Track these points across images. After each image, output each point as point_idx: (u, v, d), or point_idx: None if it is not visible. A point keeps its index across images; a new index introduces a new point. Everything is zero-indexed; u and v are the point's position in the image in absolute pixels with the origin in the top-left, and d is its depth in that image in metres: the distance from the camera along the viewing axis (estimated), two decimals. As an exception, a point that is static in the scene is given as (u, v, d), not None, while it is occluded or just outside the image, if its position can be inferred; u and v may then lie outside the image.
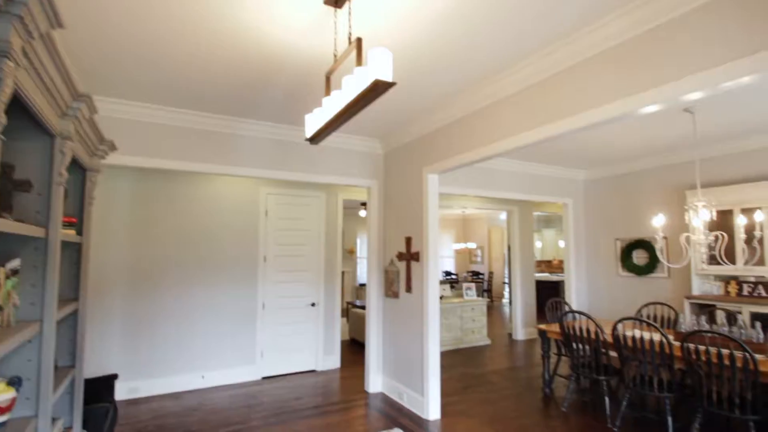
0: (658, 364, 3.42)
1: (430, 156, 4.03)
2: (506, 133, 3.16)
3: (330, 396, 4.48)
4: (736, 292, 4.98)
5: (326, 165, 4.49)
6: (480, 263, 13.79)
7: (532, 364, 5.71)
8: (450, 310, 6.63)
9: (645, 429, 3.63)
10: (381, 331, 4.68)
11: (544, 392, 4.53)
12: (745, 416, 2.92)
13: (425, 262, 3.99)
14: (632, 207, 6.21)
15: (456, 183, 5.49)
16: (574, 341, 4.04)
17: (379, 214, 4.78)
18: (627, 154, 5.65)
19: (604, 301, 6.48)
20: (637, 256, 6.15)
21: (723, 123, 4.27)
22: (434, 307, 3.94)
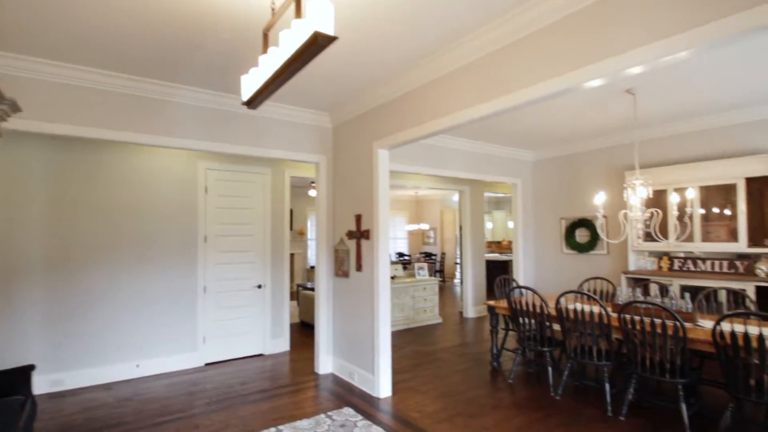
0: (598, 335, 3.56)
1: (381, 130, 3.89)
2: (458, 107, 3.08)
3: (278, 379, 4.33)
4: (667, 266, 5.31)
5: (271, 138, 4.23)
6: (433, 244, 13.97)
7: (481, 340, 5.84)
8: (402, 290, 6.63)
9: (585, 396, 3.79)
10: (331, 312, 4.57)
11: (492, 366, 4.64)
12: (675, 380, 3.10)
13: (376, 240, 3.89)
14: (576, 187, 6.44)
15: (408, 161, 5.41)
16: (520, 316, 4.13)
17: (328, 191, 4.61)
18: (572, 135, 5.81)
19: (549, 278, 6.73)
20: (580, 234, 6.41)
21: (661, 106, 4.45)
22: (385, 286, 3.87)
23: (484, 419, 3.34)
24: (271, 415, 3.46)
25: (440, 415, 3.43)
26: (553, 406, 3.58)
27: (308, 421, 3.27)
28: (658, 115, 4.83)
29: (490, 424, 3.25)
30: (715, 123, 4.93)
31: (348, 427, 3.16)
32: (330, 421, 3.27)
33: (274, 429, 3.15)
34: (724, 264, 4.85)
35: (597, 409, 3.51)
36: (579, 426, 3.22)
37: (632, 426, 3.21)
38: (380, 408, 3.57)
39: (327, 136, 4.63)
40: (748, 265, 4.67)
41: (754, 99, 4.31)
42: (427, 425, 3.24)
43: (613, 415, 3.39)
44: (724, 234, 4.82)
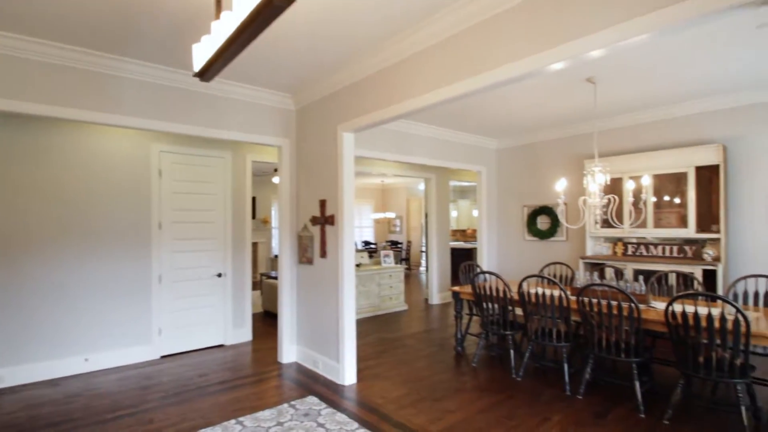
0: (558, 317, 3.65)
1: (346, 113, 3.79)
2: (424, 89, 3.03)
3: (239, 370, 4.19)
4: (622, 252, 5.53)
5: (231, 120, 4.04)
6: (399, 233, 14.01)
7: (445, 326, 5.90)
8: (368, 278, 6.59)
9: (545, 377, 3.90)
10: (295, 300, 4.46)
11: (456, 351, 4.69)
12: (629, 359, 3.22)
13: (341, 226, 3.81)
14: (538, 175, 6.57)
15: (374, 146, 5.33)
16: (484, 300, 4.18)
17: (292, 176, 4.47)
18: (534, 124, 5.90)
19: (511, 264, 6.88)
20: (541, 221, 6.57)
21: (620, 97, 4.57)
22: (350, 272, 3.80)
23: (448, 402, 3.36)
24: (231, 406, 3.34)
25: (405, 400, 3.42)
26: (514, 388, 3.66)
27: (270, 412, 3.18)
28: (617, 105, 4.97)
29: (453, 407, 3.27)
30: (669, 114, 5.13)
31: (312, 415, 3.09)
32: (293, 410, 3.19)
33: (234, 421, 3.04)
34: (674, 249, 5.09)
35: (556, 389, 3.61)
36: (539, 405, 3.30)
37: (589, 403, 3.32)
38: (345, 395, 3.53)
39: (290, 119, 4.47)
40: (695, 249, 4.93)
41: (704, 91, 4.50)
42: (392, 411, 3.22)
43: (572, 394, 3.50)
44: (675, 220, 5.05)
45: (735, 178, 4.73)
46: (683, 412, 3.14)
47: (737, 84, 4.29)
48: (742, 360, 2.72)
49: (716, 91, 4.54)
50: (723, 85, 4.33)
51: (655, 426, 2.95)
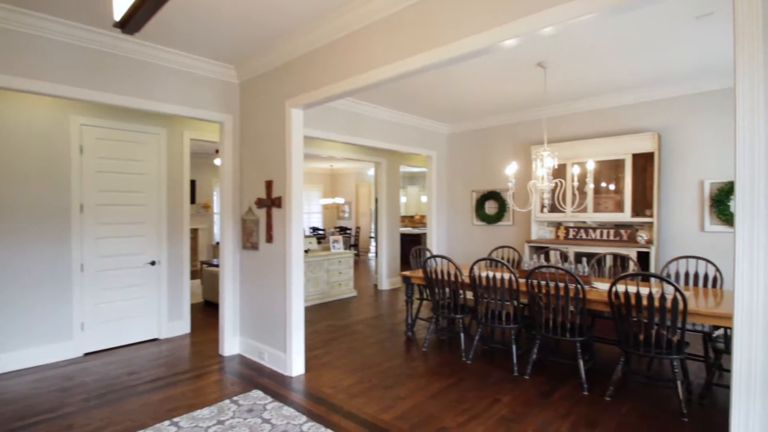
0: (507, 300, 3.68)
1: (294, 87, 3.53)
2: (375, 63, 2.86)
3: (176, 365, 3.87)
4: (564, 235, 5.74)
5: (164, 90, 3.63)
6: (348, 219, 13.82)
7: (395, 311, 5.86)
8: (316, 264, 6.38)
9: (493, 358, 3.95)
10: (238, 288, 4.17)
11: (406, 336, 4.64)
12: (574, 338, 3.32)
13: (288, 208, 3.57)
14: (487, 160, 6.65)
15: (324, 127, 5.10)
16: (435, 284, 4.15)
17: (235, 155, 4.14)
18: (485, 109, 5.93)
19: (460, 249, 6.96)
20: (489, 206, 6.68)
21: (568, 84, 4.66)
22: (298, 258, 3.59)
23: (399, 389, 3.30)
24: (165, 406, 3.05)
25: (355, 388, 3.31)
26: (464, 371, 3.67)
27: (210, 410, 2.93)
28: (564, 92, 5.09)
29: (404, 394, 3.21)
30: (610, 103, 5.34)
31: (256, 411, 2.89)
32: (236, 406, 2.97)
33: (168, 422, 2.77)
34: (611, 232, 5.36)
35: (504, 370, 3.67)
36: (488, 387, 3.32)
37: (536, 383, 3.40)
38: (292, 387, 3.35)
39: (233, 93, 4.12)
40: (630, 233, 5.21)
41: (643, 81, 4.70)
42: (342, 400, 3.10)
43: (519, 375, 3.56)
44: (612, 205, 5.30)
45: (667, 165, 5.03)
46: (623, 388, 3.29)
47: (673, 75, 4.51)
48: (678, 337, 2.87)
49: (654, 82, 4.76)
50: (660, 76, 4.55)
51: (597, 403, 3.05)
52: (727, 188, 4.60)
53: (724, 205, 4.62)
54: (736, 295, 1.56)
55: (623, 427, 2.70)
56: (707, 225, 4.78)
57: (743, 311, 1.50)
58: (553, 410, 2.94)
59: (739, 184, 1.54)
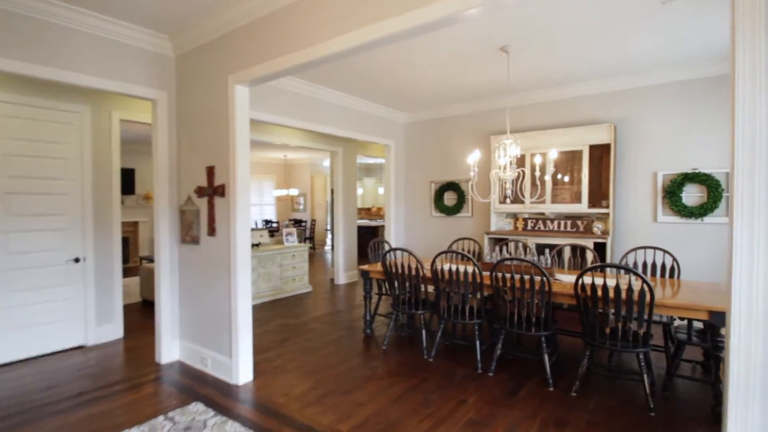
0: (471, 293, 3.51)
1: (237, 61, 3.13)
2: (328, 34, 2.54)
3: (104, 376, 3.40)
4: (522, 227, 5.70)
5: (82, 59, 3.11)
6: (302, 211, 13.34)
7: (353, 307, 5.59)
8: (268, 258, 5.97)
9: (456, 355, 3.78)
10: (177, 287, 3.73)
11: (365, 333, 4.39)
12: (539, 333, 3.20)
13: (233, 197, 3.19)
14: (446, 151, 6.50)
15: (276, 110, 4.70)
16: (396, 278, 3.92)
17: (171, 137, 3.67)
18: (444, 97, 5.74)
19: (419, 241, 6.78)
20: (448, 197, 6.54)
21: (530, 74, 4.54)
22: (245, 252, 3.22)
23: (359, 394, 3.04)
24: (87, 426, 2.62)
25: (310, 395, 3.01)
26: (427, 370, 3.47)
27: (139, 429, 2.53)
28: (526, 82, 4.98)
29: (365, 399, 2.96)
30: (569, 94, 5.31)
31: (195, 428, 2.53)
32: (171, 424, 2.59)
33: (86, 447, 2.36)
34: (568, 223, 5.36)
35: (468, 368, 3.51)
36: (453, 387, 3.14)
37: (501, 380, 3.26)
38: (239, 397, 3.00)
39: (168, 67, 3.64)
40: (587, 224, 5.23)
41: (602, 72, 4.67)
42: (295, 411, 2.80)
43: (483, 372, 3.42)
44: (569, 196, 5.30)
45: (623, 157, 5.07)
46: (587, 382, 3.22)
47: (631, 66, 4.51)
48: (645, 329, 2.81)
49: (612, 73, 4.75)
50: (619, 67, 4.53)
51: (564, 399, 2.95)
52: (679, 180, 4.70)
53: (677, 196, 4.72)
54: (732, 293, 1.42)
55: (593, 426, 2.60)
56: (660, 216, 4.87)
57: (741, 310, 1.36)
58: (521, 409, 2.80)
59: (738, 175, 1.39)
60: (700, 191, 4.65)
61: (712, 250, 4.57)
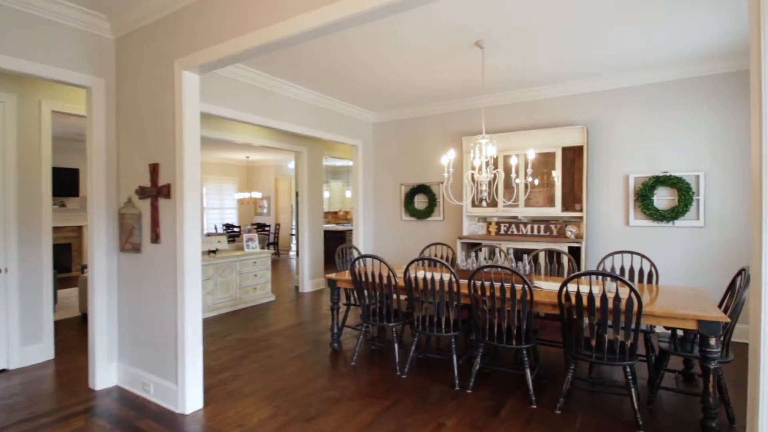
0: (447, 303, 3.26)
1: (185, 44, 2.74)
2: (293, 10, 2.22)
3: (26, 408, 2.89)
4: (495, 231, 5.53)
5: (2, 37, 2.64)
6: (266, 215, 12.79)
7: (319, 317, 5.23)
8: (227, 266, 5.51)
9: (432, 370, 3.51)
10: (116, 302, 3.27)
11: (332, 348, 4.05)
12: (520, 345, 2.97)
13: (180, 199, 2.79)
14: (416, 152, 6.26)
15: (236, 105, 4.31)
16: (365, 288, 3.61)
17: (109, 130, 3.21)
18: (415, 96, 5.50)
19: (388, 246, 6.50)
20: (419, 200, 6.30)
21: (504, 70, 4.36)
22: (194, 261, 2.82)
23: (325, 421, 2.70)
24: (-10, 476, 2.15)
25: (269, 425, 2.65)
26: (400, 388, 3.18)
27: (57, 478, 2.09)
28: (500, 81, 4.81)
29: (332, 427, 2.63)
30: (544, 95, 5.20)
31: (127, 474, 2.11)
32: (97, 469, 2.16)
33: (-17, 508, 1.90)
34: (541, 227, 5.23)
35: (445, 384, 3.24)
36: (430, 408, 2.86)
37: (480, 398, 3.01)
38: (184, 430, 2.60)
39: (107, 51, 3.19)
40: (560, 228, 5.12)
41: (576, 72, 4.57)
42: (252, 444, 2.43)
43: (461, 389, 3.16)
44: (542, 200, 5.18)
45: (595, 159, 5.00)
46: (570, 398, 3.02)
47: (604, 67, 4.43)
48: (631, 341, 2.63)
49: (586, 73, 4.66)
50: (592, 68, 4.44)
51: (549, 418, 2.73)
52: (650, 183, 4.65)
53: (648, 199, 4.67)
54: (763, 304, 1.21)
55: (582, 447, 2.38)
56: (632, 219, 4.82)
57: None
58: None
59: None
60: (671, 194, 4.62)
61: (683, 254, 4.54)
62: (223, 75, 4.21)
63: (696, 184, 4.49)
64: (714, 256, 4.42)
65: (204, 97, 3.98)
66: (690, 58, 4.19)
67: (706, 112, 4.44)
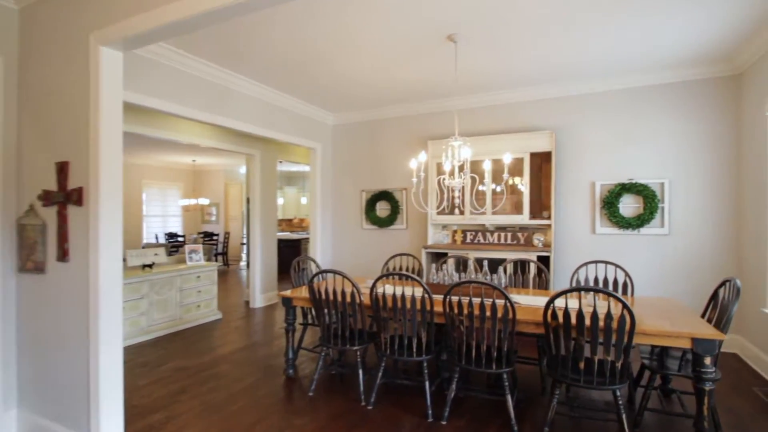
0: (419, 323, 2.90)
1: (106, 13, 2.23)
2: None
3: None
4: (461, 240, 5.28)
5: None
6: (215, 222, 11.96)
7: (273, 337, 4.70)
8: (165, 282, 4.86)
9: (401, 399, 3.13)
10: (13, 334, 2.63)
11: (287, 375, 3.57)
12: (501, 369, 2.67)
13: (96, 206, 2.24)
14: (379, 157, 5.92)
15: (179, 99, 3.77)
16: (325, 306, 3.18)
17: (8, 120, 2.60)
18: (378, 97, 5.17)
19: (349, 257, 6.09)
20: (381, 208, 5.95)
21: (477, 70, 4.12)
22: (112, 283, 2.28)
23: (280, 471, 2.24)
24: None
25: (210, 483, 2.15)
26: (367, 422, 2.77)
27: None
28: (471, 83, 4.57)
29: (288, 479, 2.17)
30: (513, 98, 5.03)
31: None
32: None
33: None
34: (509, 236, 5.03)
35: (416, 415, 2.87)
36: (403, 447, 2.47)
37: (457, 429, 2.67)
38: (96, 500, 2.05)
39: (8, 23, 2.59)
40: (527, 236, 4.94)
41: (546, 75, 4.41)
42: None
43: (435, 419, 2.80)
44: (510, 207, 4.99)
45: (562, 165, 4.87)
46: (554, 425, 2.74)
47: (573, 71, 4.30)
48: (622, 361, 2.39)
49: (554, 78, 4.52)
50: (561, 72, 4.30)
51: (536, 452, 2.43)
52: (616, 190, 4.57)
53: (614, 207, 4.58)
54: None
55: (579, 490, 2.08)
56: (598, 227, 4.72)
57: None
58: (489, 475, 2.22)
59: None
60: (637, 202, 4.56)
61: (648, 262, 4.48)
62: (162, 62, 3.65)
63: (661, 191, 4.45)
64: (678, 264, 4.38)
65: (138, 86, 3.42)
66: (656, 64, 4.14)
67: (671, 120, 4.42)
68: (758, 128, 3.68)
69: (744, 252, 4.02)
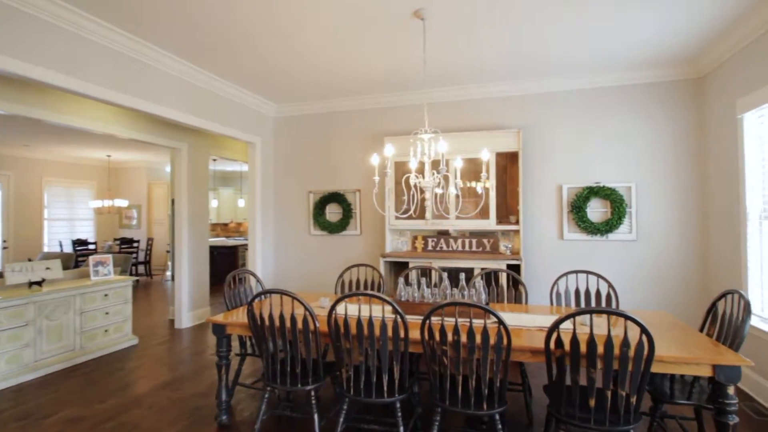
0: (391, 354, 2.33)
1: None
2: None
3: None
4: (422, 247, 4.79)
5: None
6: (136, 227, 10.57)
7: (202, 367, 3.89)
8: (60, 303, 3.87)
9: (365, 446, 2.53)
10: None
11: (220, 422, 2.83)
12: (492, 410, 2.17)
13: None
14: (329, 154, 5.29)
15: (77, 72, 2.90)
16: (270, 336, 2.51)
17: None
18: (330, 85, 4.54)
19: (294, 266, 5.38)
20: (331, 211, 5.32)
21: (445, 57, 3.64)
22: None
23: None
24: None
25: None
26: (326, 487, 2.15)
27: None
28: (437, 75, 4.10)
29: None
30: (478, 94, 4.64)
31: None
32: None
33: None
34: (473, 242, 4.63)
35: (388, 470, 2.29)
36: None
37: (441, 490, 2.13)
38: None
39: None
40: (493, 242, 4.56)
41: (515, 69, 4.05)
42: None
43: (412, 475, 2.24)
44: (473, 209, 4.59)
45: (528, 167, 4.56)
46: (553, 470, 2.29)
47: (545, 65, 3.98)
48: (636, 397, 1.99)
49: (520, 73, 4.19)
50: (534, 65, 3.96)
51: None
52: (584, 194, 4.33)
53: (582, 211, 4.34)
54: None
55: None
56: (566, 233, 4.45)
57: None
58: None
59: None
60: (605, 206, 4.35)
61: (617, 268, 4.28)
62: (55, 23, 2.78)
63: (628, 195, 4.26)
64: (647, 271, 4.21)
65: (15, 50, 2.53)
66: (622, 63, 3.94)
67: (637, 121, 4.25)
68: (728, 131, 3.55)
69: (711, 256, 3.91)
